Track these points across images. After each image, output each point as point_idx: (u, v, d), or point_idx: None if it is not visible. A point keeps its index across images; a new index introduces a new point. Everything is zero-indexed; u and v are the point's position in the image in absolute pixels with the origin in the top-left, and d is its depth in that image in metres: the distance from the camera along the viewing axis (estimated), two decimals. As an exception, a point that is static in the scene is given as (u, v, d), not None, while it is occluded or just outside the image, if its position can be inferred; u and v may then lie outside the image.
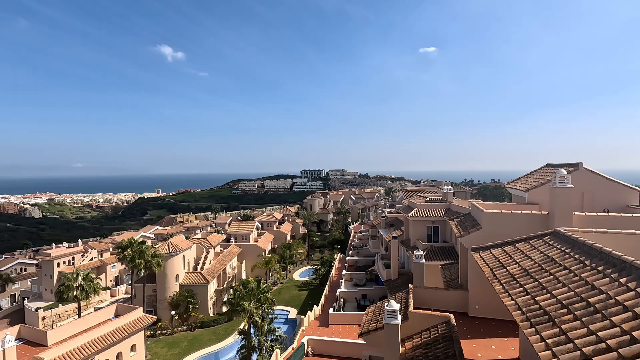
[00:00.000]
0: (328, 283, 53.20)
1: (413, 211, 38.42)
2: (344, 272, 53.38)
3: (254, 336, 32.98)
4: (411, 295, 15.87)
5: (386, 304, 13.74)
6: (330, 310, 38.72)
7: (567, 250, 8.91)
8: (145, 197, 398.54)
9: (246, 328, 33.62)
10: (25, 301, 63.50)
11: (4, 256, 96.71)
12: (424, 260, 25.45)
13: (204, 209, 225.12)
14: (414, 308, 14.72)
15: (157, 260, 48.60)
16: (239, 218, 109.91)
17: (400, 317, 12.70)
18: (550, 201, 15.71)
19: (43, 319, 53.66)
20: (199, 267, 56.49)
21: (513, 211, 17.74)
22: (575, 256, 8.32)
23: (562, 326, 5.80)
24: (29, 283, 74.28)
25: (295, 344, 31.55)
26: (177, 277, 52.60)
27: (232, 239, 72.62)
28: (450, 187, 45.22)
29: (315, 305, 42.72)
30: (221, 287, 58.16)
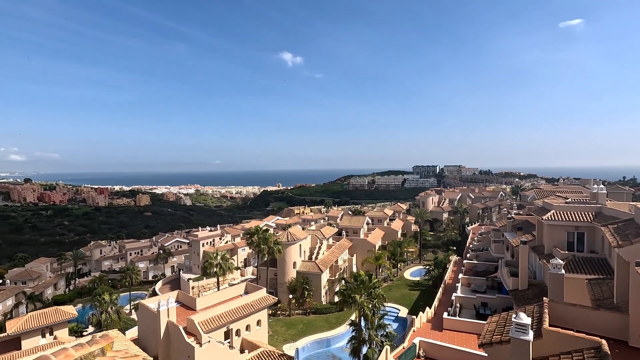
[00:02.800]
0: (442, 285, 50.15)
1: (549, 213, 32.92)
2: (460, 275, 49.49)
3: (364, 329, 33.48)
4: (546, 310, 13.71)
5: (514, 315, 12.22)
6: (445, 315, 36.47)
7: None
8: (268, 190, 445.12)
9: (357, 320, 34.38)
10: (181, 272, 78.44)
11: (166, 235, 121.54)
12: (563, 271, 21.66)
13: (317, 203, 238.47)
14: (550, 325, 12.68)
15: (278, 247, 53.85)
16: (349, 213, 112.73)
17: (531, 333, 11.14)
18: None
19: (192, 288, 65.34)
20: (313, 257, 60.28)
21: None
22: None
23: None
24: (183, 258, 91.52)
25: (406, 344, 30.82)
26: (294, 264, 57.24)
27: (344, 233, 75.03)
28: (602, 186, 37.05)
29: (427, 307, 40.86)
30: (333, 278, 60.85)
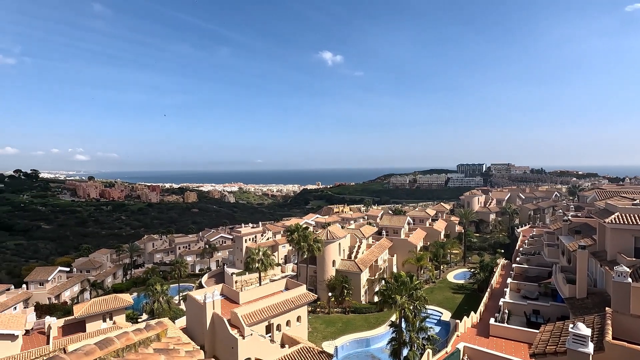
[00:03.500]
0: (488, 290, 47.71)
1: (613, 216, 30.08)
2: (509, 280, 46.78)
3: (405, 331, 32.82)
4: (609, 322, 12.57)
5: (571, 325, 11.34)
6: (492, 321, 34.67)
7: None
8: (308, 188, 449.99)
9: (397, 321, 33.77)
10: (225, 266, 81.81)
11: (211, 230, 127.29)
12: (630, 280, 19.69)
13: (357, 202, 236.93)
14: (613, 338, 11.61)
15: (317, 245, 54.32)
16: (390, 212, 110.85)
17: (592, 345, 10.27)
18: None
19: (236, 282, 67.86)
20: (352, 256, 60.06)
21: None
22: None
23: None
24: (227, 253, 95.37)
25: (449, 349, 29.77)
26: (333, 262, 57.42)
27: (384, 232, 73.94)
28: (677, 186, 33.13)
29: (472, 312, 39.09)
30: (373, 277, 60.23)
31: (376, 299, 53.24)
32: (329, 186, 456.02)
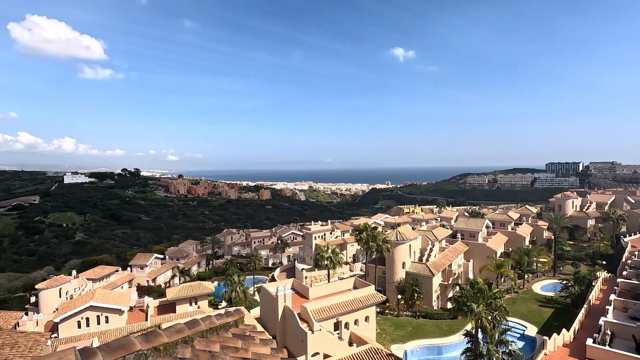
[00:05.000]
0: (585, 306, 41.82)
1: None
2: (612, 297, 40.47)
3: (482, 342, 30.48)
4: None
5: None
6: (589, 341, 30.37)
7: None
8: (377, 187, 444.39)
9: (473, 331, 31.52)
10: (296, 262, 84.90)
11: (283, 226, 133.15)
12: None
13: (429, 202, 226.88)
14: None
15: (386, 245, 53.31)
16: (466, 214, 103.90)
17: None
18: None
19: (305, 277, 70.00)
20: (424, 259, 57.67)
21: None
22: None
23: None
24: (298, 249, 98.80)
25: (534, 367, 26.88)
26: (403, 264, 55.80)
27: (459, 235, 69.62)
28: None
29: (564, 329, 34.70)
30: (446, 282, 57.10)
31: (449, 305, 50.46)
32: (399, 186, 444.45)
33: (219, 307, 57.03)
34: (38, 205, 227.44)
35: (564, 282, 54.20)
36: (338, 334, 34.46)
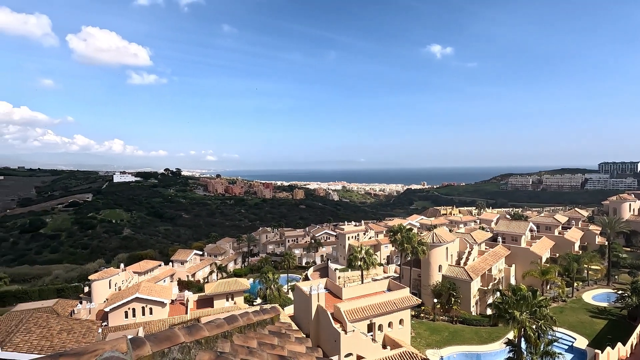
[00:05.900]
0: (644, 319, 38.37)
1: None
2: (676, 310, 36.76)
3: (525, 352, 28.88)
4: None
5: None
6: (648, 358, 27.81)
7: None
8: (412, 188, 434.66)
9: (516, 340, 29.93)
10: (329, 261, 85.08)
11: (317, 226, 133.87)
12: None
13: (467, 204, 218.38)
14: None
15: (422, 247, 51.96)
16: (507, 217, 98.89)
17: None
18: None
19: (339, 277, 69.91)
20: (461, 262, 55.58)
21: None
22: None
23: None
24: (331, 249, 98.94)
25: (584, 382, 25.03)
26: (440, 267, 54.10)
27: (499, 239, 66.39)
28: None
29: (619, 343, 32.00)
30: (485, 288, 54.70)
31: (489, 311, 48.31)
32: (435, 186, 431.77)
33: (254, 303, 58.48)
34: (91, 203, 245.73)
35: (620, 291, 49.91)
36: (372, 335, 34.10)
